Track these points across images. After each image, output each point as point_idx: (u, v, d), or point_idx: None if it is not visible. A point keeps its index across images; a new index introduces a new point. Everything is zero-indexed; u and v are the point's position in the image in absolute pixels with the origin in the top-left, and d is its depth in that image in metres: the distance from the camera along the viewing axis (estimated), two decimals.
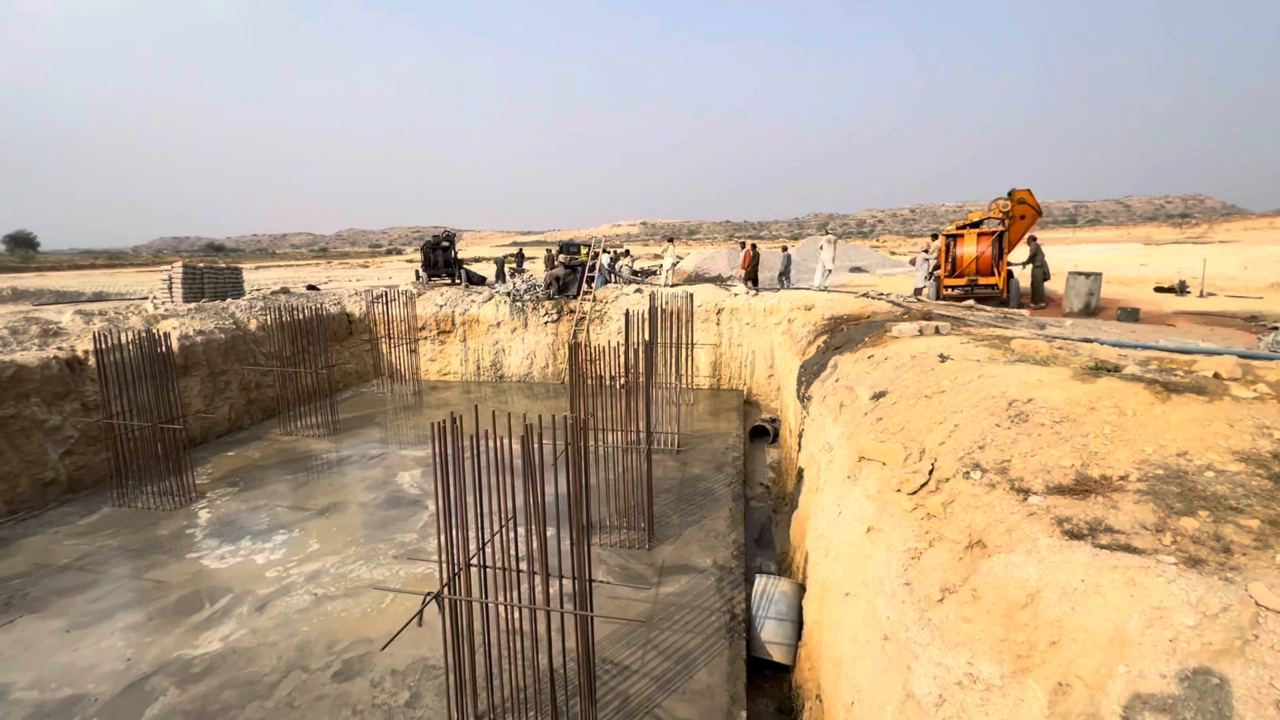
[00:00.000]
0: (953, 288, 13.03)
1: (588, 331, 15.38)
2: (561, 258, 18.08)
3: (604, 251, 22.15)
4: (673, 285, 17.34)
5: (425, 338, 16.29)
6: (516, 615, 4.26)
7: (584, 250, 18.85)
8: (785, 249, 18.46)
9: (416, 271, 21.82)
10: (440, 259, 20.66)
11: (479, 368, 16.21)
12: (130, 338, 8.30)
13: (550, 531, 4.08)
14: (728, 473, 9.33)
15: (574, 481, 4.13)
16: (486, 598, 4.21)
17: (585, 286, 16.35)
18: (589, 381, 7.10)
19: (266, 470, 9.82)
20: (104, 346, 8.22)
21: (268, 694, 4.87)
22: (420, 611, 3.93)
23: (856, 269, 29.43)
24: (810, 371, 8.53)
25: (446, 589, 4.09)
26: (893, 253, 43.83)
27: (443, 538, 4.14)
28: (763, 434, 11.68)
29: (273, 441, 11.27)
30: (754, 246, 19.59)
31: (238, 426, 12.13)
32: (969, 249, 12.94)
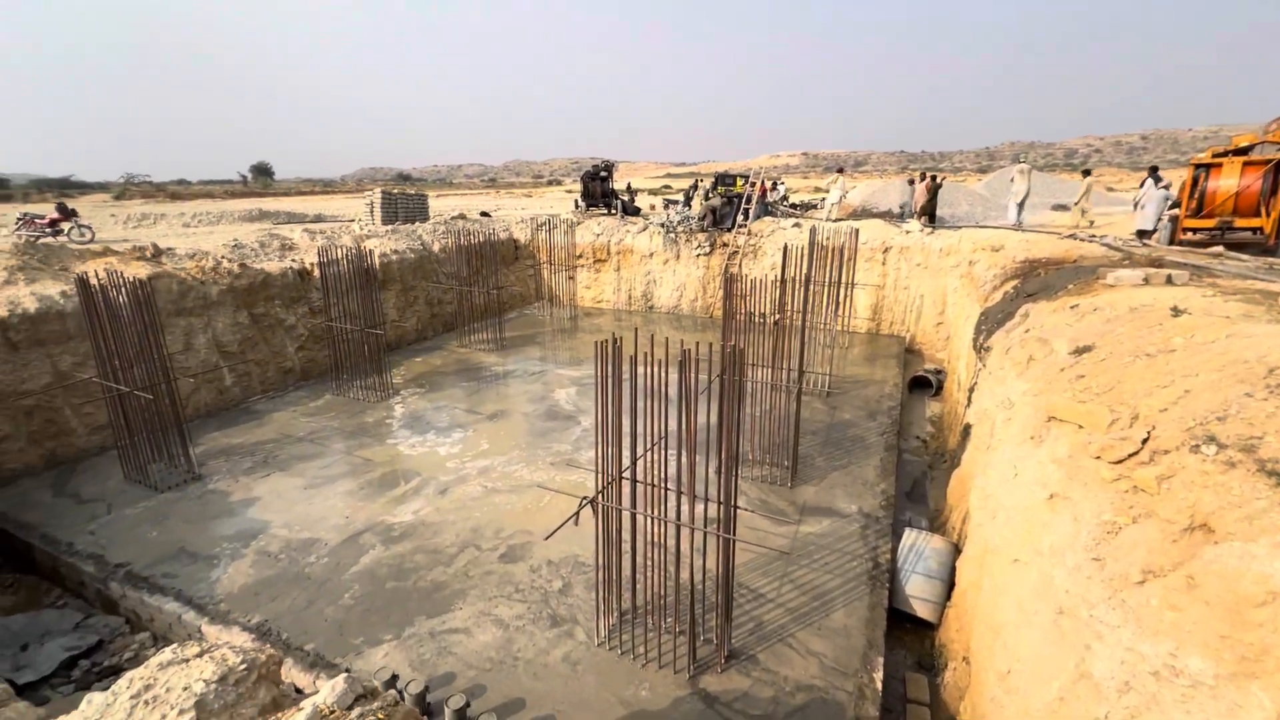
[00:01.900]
0: (1195, 230, 10.65)
1: (740, 265, 15.03)
2: (719, 189, 17.64)
3: (778, 183, 21.12)
4: (836, 220, 16.19)
5: (582, 265, 17.01)
6: (662, 529, 4.49)
7: (740, 182, 18.17)
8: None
9: (575, 201, 22.60)
10: (598, 189, 21.15)
11: (630, 297, 16.67)
12: (343, 254, 9.64)
13: (697, 457, 4.18)
14: (881, 421, 8.83)
15: (725, 410, 4.16)
16: (636, 509, 4.48)
17: (740, 219, 15.86)
18: (740, 316, 6.98)
19: (446, 376, 11.13)
20: (325, 260, 9.65)
21: (449, 563, 5.72)
22: (577, 512, 4.29)
23: (1059, 206, 25.18)
24: (993, 320, 7.63)
25: (600, 496, 4.41)
26: (1109, 188, 36.60)
27: (599, 450, 4.42)
28: (924, 385, 10.82)
29: (451, 352, 12.68)
30: (933, 179, 17.51)
31: (423, 337, 13.79)
32: (1226, 181, 10.37)
